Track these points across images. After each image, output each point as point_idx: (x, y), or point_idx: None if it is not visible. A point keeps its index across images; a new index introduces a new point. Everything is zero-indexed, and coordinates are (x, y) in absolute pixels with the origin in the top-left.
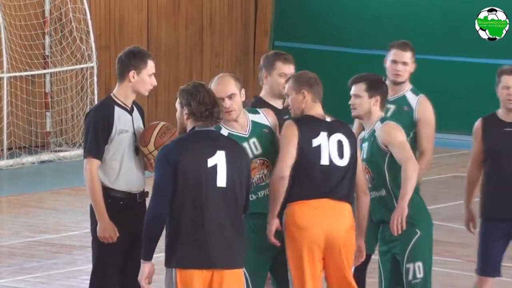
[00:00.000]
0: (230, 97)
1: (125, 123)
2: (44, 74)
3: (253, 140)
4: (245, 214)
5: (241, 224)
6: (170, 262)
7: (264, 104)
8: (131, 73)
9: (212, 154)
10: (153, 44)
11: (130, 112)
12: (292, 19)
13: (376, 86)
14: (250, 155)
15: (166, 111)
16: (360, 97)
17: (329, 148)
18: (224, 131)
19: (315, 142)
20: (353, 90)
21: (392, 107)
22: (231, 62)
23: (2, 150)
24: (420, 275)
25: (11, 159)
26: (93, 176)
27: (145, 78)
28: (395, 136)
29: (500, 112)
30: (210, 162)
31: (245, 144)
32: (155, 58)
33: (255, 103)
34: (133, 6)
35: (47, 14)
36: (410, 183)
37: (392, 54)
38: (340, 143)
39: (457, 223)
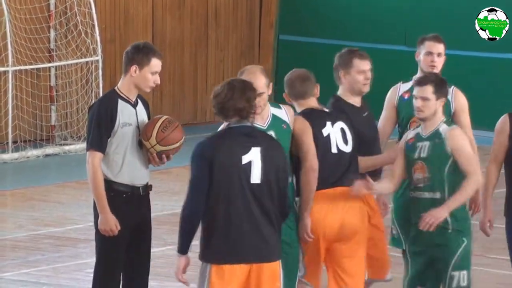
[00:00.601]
0: (260, 94)
1: (128, 116)
2: (49, 67)
3: (271, 132)
4: (283, 209)
5: (277, 219)
6: (204, 256)
7: (343, 103)
8: (133, 67)
9: (247, 151)
10: (158, 37)
11: (134, 105)
12: (297, 13)
13: (443, 87)
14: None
15: (171, 104)
16: (428, 100)
17: (336, 136)
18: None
19: (325, 132)
20: (420, 92)
21: None
22: (236, 56)
23: (7, 143)
24: (464, 283)
25: (16, 152)
26: (95, 169)
27: (147, 75)
28: (465, 146)
29: None
30: (245, 159)
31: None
32: (160, 51)
33: (334, 103)
34: (138, 0)
35: (52, 7)
36: (464, 196)
37: (426, 46)
38: (343, 131)
39: None
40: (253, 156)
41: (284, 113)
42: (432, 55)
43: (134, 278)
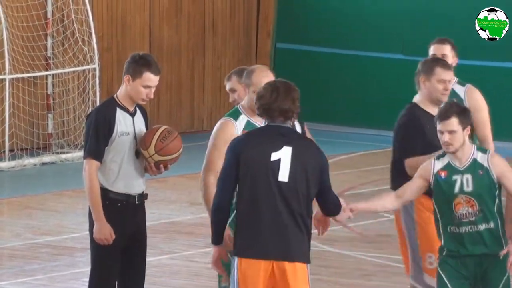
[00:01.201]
0: None
1: (126, 125)
2: (46, 75)
3: None
4: (308, 211)
5: (303, 220)
6: (235, 250)
7: (419, 110)
8: (126, 77)
9: (278, 148)
10: (155, 45)
11: (132, 114)
12: (294, 21)
13: (466, 115)
14: None
15: (168, 112)
16: (455, 132)
17: None
18: (244, 118)
19: None
20: (445, 126)
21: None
22: (233, 64)
23: (4, 151)
24: None
25: (13, 160)
26: (92, 178)
27: (138, 88)
28: (507, 167)
29: None
30: (274, 156)
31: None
32: (157, 60)
33: (409, 109)
34: (135, 8)
35: (49, 15)
36: None
37: (431, 49)
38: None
39: None
40: (283, 155)
41: None
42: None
43: (129, 287)
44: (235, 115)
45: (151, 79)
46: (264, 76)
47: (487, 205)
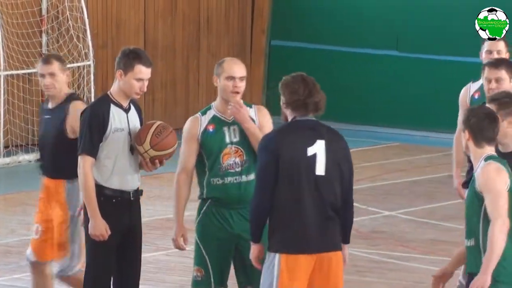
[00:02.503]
0: (242, 78)
1: (120, 122)
2: None
3: (234, 127)
4: (347, 198)
5: (337, 210)
6: (272, 247)
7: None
8: (119, 72)
9: (312, 143)
10: (150, 43)
11: (126, 110)
12: (289, 18)
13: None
14: (227, 141)
15: (163, 110)
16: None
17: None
18: (211, 113)
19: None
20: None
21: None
22: None
23: None
24: None
25: (7, 157)
26: (86, 174)
27: (131, 81)
28: (494, 183)
29: None
30: (310, 151)
31: (225, 128)
32: (152, 57)
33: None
34: (130, 5)
35: (44, 12)
36: (496, 249)
37: (486, 46)
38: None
39: (452, 222)
40: (318, 149)
41: (253, 111)
42: (492, 53)
43: (124, 283)
44: (205, 110)
45: (142, 71)
46: (235, 62)
47: (470, 223)
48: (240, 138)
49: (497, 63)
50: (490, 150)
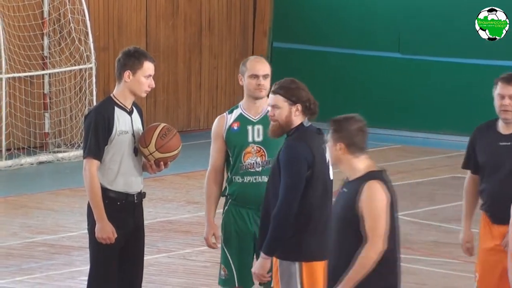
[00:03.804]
0: (265, 76)
1: (125, 124)
2: (43, 75)
3: (258, 127)
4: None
5: None
6: (294, 256)
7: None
8: (127, 73)
9: (325, 148)
10: (152, 45)
11: (130, 113)
12: (291, 20)
13: None
14: (250, 139)
15: (165, 112)
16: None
17: None
18: (238, 111)
19: None
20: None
21: None
22: (230, 64)
23: (0, 151)
24: None
25: (9, 160)
26: (92, 177)
27: (141, 79)
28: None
29: None
30: (327, 156)
31: (249, 127)
32: (154, 59)
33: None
34: (131, 7)
35: (46, 15)
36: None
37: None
38: None
39: (454, 224)
40: (327, 153)
41: None
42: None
43: (127, 286)
44: (232, 109)
45: (150, 67)
46: (258, 61)
47: None
48: (263, 138)
49: (510, 78)
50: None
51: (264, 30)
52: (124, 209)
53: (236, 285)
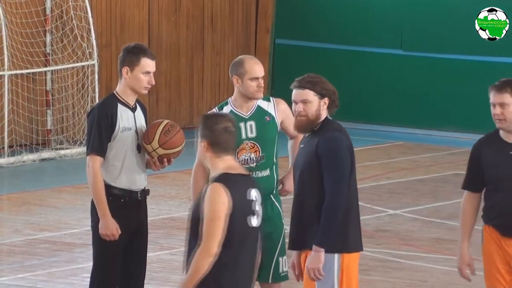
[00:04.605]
0: (263, 77)
1: (128, 121)
2: (45, 71)
3: (251, 123)
4: None
5: None
6: (336, 247)
7: None
8: (125, 69)
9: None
10: (154, 42)
11: (133, 109)
12: (293, 17)
13: None
14: (243, 136)
15: (167, 109)
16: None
17: None
18: (228, 109)
19: None
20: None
21: None
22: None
23: (3, 148)
24: None
25: (12, 156)
26: (96, 174)
27: (139, 76)
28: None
29: None
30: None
31: (242, 125)
32: (156, 56)
33: None
34: (134, 4)
35: (48, 11)
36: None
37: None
38: None
39: (457, 221)
40: None
41: (272, 105)
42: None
43: (130, 283)
44: (221, 105)
45: (149, 64)
46: (255, 62)
47: None
48: (256, 134)
49: (501, 86)
50: None
51: (267, 26)
52: (128, 206)
53: None
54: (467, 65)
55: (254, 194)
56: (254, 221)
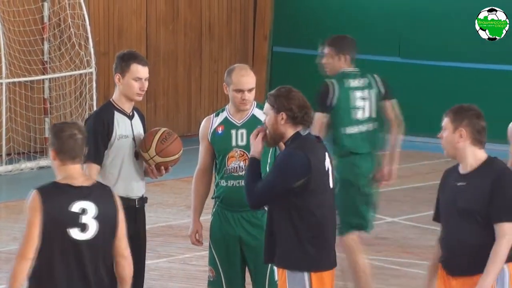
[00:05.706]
0: (250, 90)
1: (125, 128)
2: (43, 80)
3: (242, 131)
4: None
5: None
6: (303, 266)
7: None
8: (117, 76)
9: (325, 157)
10: (152, 50)
11: (130, 117)
12: (291, 25)
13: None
14: (233, 143)
15: (165, 116)
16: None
17: None
18: (223, 115)
19: None
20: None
21: None
22: None
23: (1, 155)
24: None
25: (10, 164)
26: None
27: (130, 82)
28: None
29: None
30: (327, 164)
31: (233, 132)
32: (154, 64)
33: None
34: (132, 12)
35: (46, 20)
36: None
37: None
38: None
39: None
40: (327, 162)
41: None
42: None
43: None
44: (219, 112)
45: (139, 70)
46: (243, 74)
47: None
48: (247, 143)
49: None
50: None
51: (264, 34)
52: (125, 214)
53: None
54: (465, 73)
55: (81, 207)
56: (78, 234)
